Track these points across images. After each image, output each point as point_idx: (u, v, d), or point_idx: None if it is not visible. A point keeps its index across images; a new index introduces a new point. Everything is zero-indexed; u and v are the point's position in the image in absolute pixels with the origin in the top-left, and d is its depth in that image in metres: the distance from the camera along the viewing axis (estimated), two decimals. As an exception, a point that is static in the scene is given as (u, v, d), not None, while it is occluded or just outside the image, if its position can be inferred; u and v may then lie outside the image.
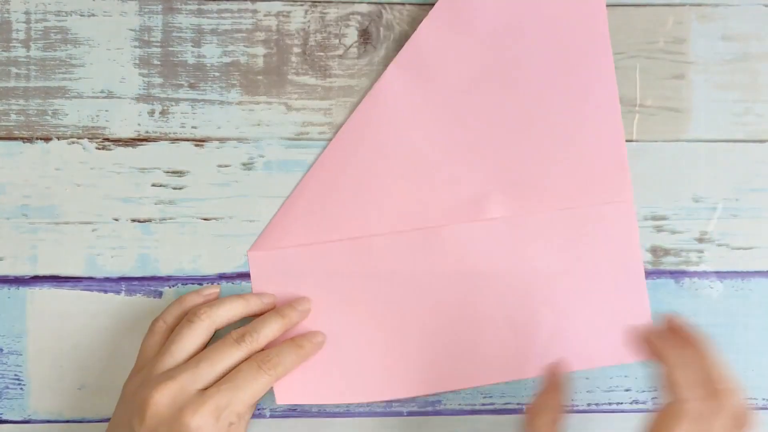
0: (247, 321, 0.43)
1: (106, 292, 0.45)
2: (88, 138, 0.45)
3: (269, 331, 0.42)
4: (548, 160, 0.45)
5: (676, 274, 0.46)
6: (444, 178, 0.45)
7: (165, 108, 0.46)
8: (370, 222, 0.45)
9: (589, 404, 0.46)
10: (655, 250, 0.46)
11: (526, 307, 0.45)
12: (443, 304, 0.45)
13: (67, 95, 0.45)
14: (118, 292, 0.45)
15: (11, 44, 0.45)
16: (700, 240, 0.47)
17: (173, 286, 0.45)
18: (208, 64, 0.46)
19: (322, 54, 0.46)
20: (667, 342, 0.36)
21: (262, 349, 0.42)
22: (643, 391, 0.46)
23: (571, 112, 0.45)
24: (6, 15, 0.45)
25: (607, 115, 0.45)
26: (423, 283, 0.45)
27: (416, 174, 0.45)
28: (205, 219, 0.46)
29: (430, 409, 0.46)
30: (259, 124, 0.46)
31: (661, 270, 0.46)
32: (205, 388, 0.39)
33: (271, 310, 0.44)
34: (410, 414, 0.46)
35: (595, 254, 0.45)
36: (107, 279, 0.45)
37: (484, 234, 0.45)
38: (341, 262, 0.44)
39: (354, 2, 0.46)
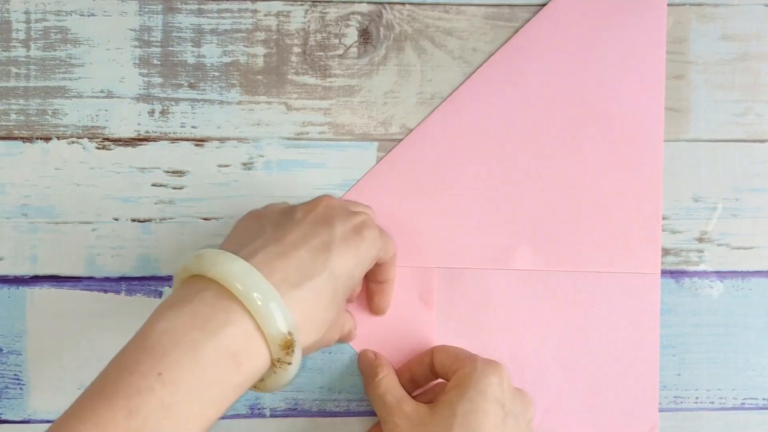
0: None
1: (106, 292, 0.45)
2: (88, 138, 0.45)
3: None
4: (584, 221, 0.45)
5: (676, 274, 0.46)
6: (477, 221, 0.45)
7: (165, 108, 0.46)
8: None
9: None
10: (655, 250, 0.46)
11: (536, 361, 0.45)
12: (456, 344, 0.44)
13: (67, 95, 0.45)
14: (118, 292, 0.45)
15: (11, 44, 0.45)
16: (700, 240, 0.47)
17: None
18: (208, 64, 0.46)
19: (322, 54, 0.46)
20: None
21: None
22: None
23: (614, 178, 0.45)
24: (6, 15, 0.45)
25: (648, 188, 0.46)
26: (437, 320, 0.45)
27: (450, 213, 0.45)
28: (205, 219, 0.46)
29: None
30: (258, 124, 0.46)
31: (662, 270, 0.46)
32: None
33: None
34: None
35: (613, 321, 0.45)
36: (107, 279, 0.45)
37: (507, 283, 0.45)
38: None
39: (354, 2, 0.46)
